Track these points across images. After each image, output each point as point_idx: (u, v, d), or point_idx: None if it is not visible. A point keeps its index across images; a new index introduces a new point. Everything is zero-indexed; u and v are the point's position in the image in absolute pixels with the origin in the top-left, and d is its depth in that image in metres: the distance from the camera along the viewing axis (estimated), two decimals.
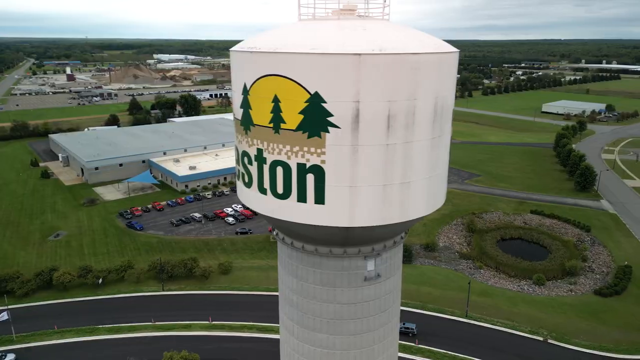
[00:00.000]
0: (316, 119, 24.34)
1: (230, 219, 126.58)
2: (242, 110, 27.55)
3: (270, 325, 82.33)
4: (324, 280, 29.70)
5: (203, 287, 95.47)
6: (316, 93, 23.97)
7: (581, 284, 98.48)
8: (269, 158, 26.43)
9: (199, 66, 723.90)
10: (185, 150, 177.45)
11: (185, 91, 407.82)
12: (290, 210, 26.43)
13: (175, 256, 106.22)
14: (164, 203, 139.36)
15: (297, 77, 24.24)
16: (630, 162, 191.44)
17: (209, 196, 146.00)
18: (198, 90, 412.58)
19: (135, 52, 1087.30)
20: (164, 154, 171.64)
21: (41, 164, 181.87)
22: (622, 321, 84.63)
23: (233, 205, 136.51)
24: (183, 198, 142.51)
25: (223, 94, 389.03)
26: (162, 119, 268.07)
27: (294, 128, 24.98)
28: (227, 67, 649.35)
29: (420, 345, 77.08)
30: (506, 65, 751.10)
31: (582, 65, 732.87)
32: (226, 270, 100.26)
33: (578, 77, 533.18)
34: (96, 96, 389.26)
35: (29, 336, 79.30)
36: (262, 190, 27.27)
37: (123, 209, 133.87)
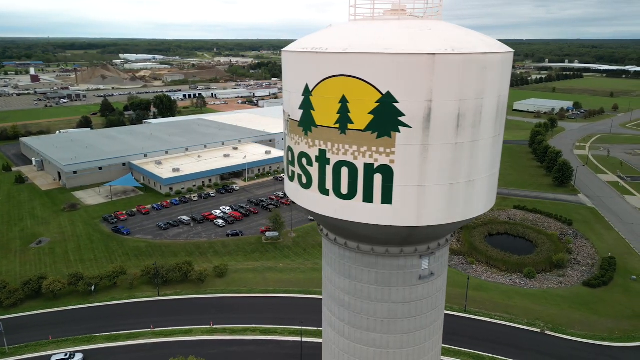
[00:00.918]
0: (387, 118, 24.36)
1: (220, 221, 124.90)
2: (301, 111, 27.28)
3: (274, 327, 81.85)
4: (380, 280, 29.75)
5: (199, 291, 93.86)
6: (388, 93, 23.98)
7: (569, 276, 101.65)
8: (333, 159, 26.28)
9: (168, 66, 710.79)
10: (167, 152, 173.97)
11: (157, 92, 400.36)
12: (355, 211, 26.37)
13: (166, 260, 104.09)
14: (149, 206, 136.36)
15: (368, 77, 24.20)
16: (601, 158, 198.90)
17: (195, 198, 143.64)
18: (170, 91, 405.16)
19: (100, 52, 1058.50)
20: (145, 156, 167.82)
21: (14, 169, 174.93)
22: (612, 310, 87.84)
23: (221, 207, 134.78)
24: (169, 201, 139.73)
25: (197, 95, 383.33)
26: (137, 121, 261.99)
27: (362, 128, 24.93)
28: (198, 67, 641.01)
29: None
30: None
31: (546, 64, 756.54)
32: (222, 273, 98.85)
33: (543, 76, 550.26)
34: (64, 97, 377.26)
35: (22, 347, 76.18)
36: (324, 191, 27.07)
37: (107, 214, 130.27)
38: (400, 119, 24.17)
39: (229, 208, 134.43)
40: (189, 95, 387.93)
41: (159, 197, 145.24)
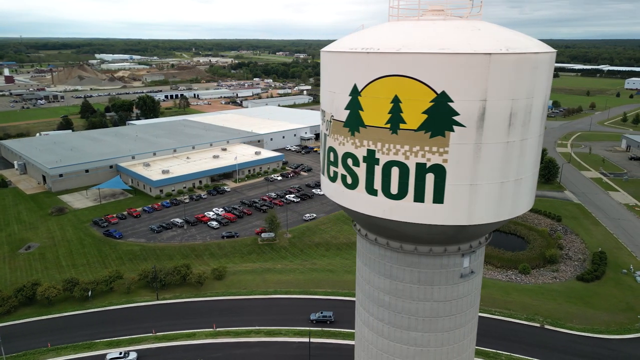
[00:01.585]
0: (441, 118, 24.46)
1: (214, 223, 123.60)
2: (348, 111, 27.22)
3: (277, 328, 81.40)
4: (422, 279, 29.86)
5: (199, 294, 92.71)
6: (443, 92, 24.09)
7: (563, 271, 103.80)
8: (383, 159, 26.27)
9: (147, 66, 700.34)
10: (155, 154, 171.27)
11: (138, 92, 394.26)
12: (406, 211, 26.41)
13: (162, 264, 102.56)
14: (139, 209, 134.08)
15: (423, 77, 24.26)
16: (583, 155, 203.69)
17: (187, 200, 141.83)
18: (151, 92, 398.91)
19: (75, 52, 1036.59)
20: (133, 158, 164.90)
21: None
22: (607, 304, 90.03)
23: (214, 209, 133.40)
24: (159, 203, 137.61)
25: (179, 95, 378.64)
26: (119, 122, 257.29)
27: (415, 128, 24.98)
28: (178, 68, 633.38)
29: None
30: None
31: None
32: (220, 275, 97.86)
33: None
34: (41, 99, 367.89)
35: (20, 356, 74.04)
36: (372, 192, 27.04)
37: (97, 217, 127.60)
38: (455, 118, 24.33)
39: (222, 209, 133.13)
40: (171, 96, 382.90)
41: (149, 200, 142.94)
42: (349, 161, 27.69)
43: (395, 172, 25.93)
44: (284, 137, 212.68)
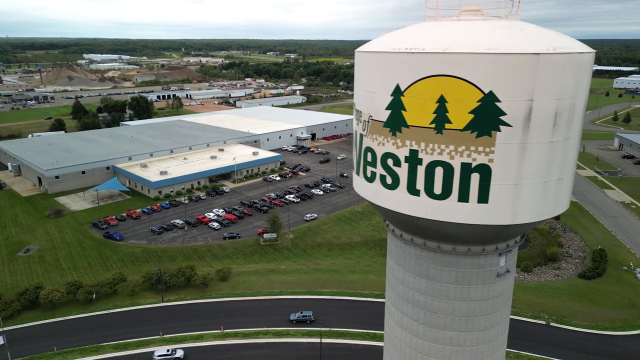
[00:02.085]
0: (488, 118, 24.51)
1: (215, 224, 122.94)
2: (389, 111, 27.18)
3: (286, 329, 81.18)
4: (459, 279, 29.92)
5: (204, 296, 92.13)
6: (490, 92, 24.14)
7: (564, 269, 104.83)
8: (426, 159, 26.25)
9: (137, 67, 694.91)
10: (151, 155, 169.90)
11: (129, 92, 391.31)
12: (450, 211, 26.43)
13: (164, 265, 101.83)
14: (139, 210, 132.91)
15: (470, 77, 24.29)
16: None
17: (186, 201, 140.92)
18: (143, 92, 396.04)
19: (62, 52, 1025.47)
20: (130, 159, 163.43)
21: None
22: (610, 301, 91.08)
23: (214, 210, 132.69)
24: (159, 205, 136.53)
25: (171, 95, 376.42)
26: (113, 123, 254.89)
27: (461, 128, 25.00)
28: (168, 68, 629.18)
29: None
30: None
31: None
32: (225, 276, 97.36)
33: None
34: (30, 100, 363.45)
35: None
36: (414, 192, 27.02)
37: (96, 219, 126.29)
38: (502, 118, 24.41)
39: (222, 210, 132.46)
40: (163, 96, 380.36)
41: (148, 201, 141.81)
42: (389, 161, 27.65)
43: (439, 172, 25.94)
44: (280, 137, 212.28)
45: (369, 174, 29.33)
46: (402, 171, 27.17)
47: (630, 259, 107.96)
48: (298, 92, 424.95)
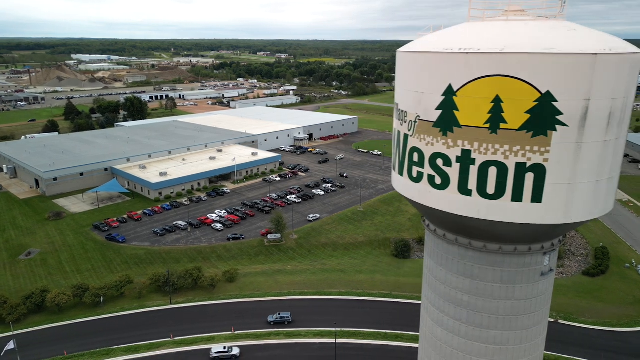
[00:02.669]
0: (544, 117, 24.66)
1: (218, 225, 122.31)
2: (439, 112, 27.24)
3: (297, 330, 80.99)
4: (504, 278, 30.06)
5: (212, 297, 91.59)
6: (547, 92, 24.28)
7: (568, 267, 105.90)
8: (479, 159, 26.33)
9: (127, 67, 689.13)
10: (150, 156, 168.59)
11: (121, 93, 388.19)
12: (502, 211, 26.55)
13: (169, 267, 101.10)
14: (140, 212, 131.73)
15: (527, 77, 24.42)
16: None
17: (187, 203, 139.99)
18: (134, 93, 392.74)
19: (50, 52, 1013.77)
20: (128, 160, 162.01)
21: None
22: (615, 297, 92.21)
23: (216, 211, 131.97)
24: (160, 206, 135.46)
25: (164, 96, 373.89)
26: (107, 124, 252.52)
27: (516, 128, 25.13)
28: (159, 68, 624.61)
29: None
30: None
31: None
32: (232, 277, 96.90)
33: None
34: (21, 101, 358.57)
35: None
36: (465, 192, 27.08)
37: (97, 221, 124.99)
38: (558, 117, 24.57)
39: (224, 211, 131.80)
40: (156, 97, 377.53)
41: (148, 203, 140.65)
42: (439, 161, 27.69)
43: (492, 171, 26.04)
44: (277, 137, 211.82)
45: (414, 174, 29.33)
46: (453, 171, 27.22)
47: (632, 256, 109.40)
48: (291, 92, 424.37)
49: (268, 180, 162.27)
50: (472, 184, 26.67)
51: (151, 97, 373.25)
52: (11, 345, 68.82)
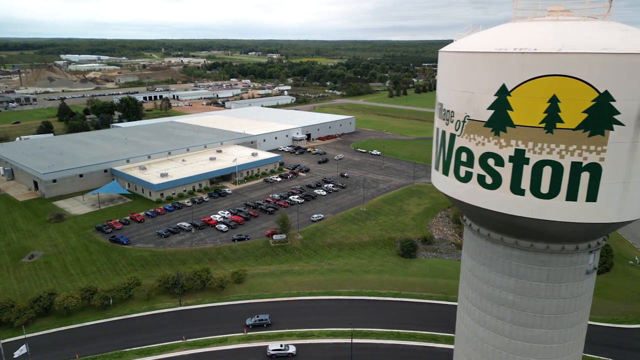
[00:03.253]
0: (602, 117, 24.82)
1: (222, 226, 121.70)
2: (491, 111, 27.32)
3: (309, 330, 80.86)
4: (551, 277, 30.23)
5: (222, 299, 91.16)
6: (606, 92, 24.46)
7: None
8: (534, 158, 26.44)
9: (118, 67, 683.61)
10: (149, 157, 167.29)
11: (113, 94, 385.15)
12: (556, 210, 26.68)
13: (175, 269, 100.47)
14: (142, 214, 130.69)
15: (586, 76, 24.57)
16: None
17: (189, 204, 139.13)
18: (127, 93, 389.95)
19: (38, 53, 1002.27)
20: (127, 161, 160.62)
21: None
22: (621, 295, 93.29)
23: (220, 212, 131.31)
24: (162, 207, 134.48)
25: (157, 97, 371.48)
26: (102, 125, 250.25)
27: (573, 127, 25.26)
28: (151, 68, 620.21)
29: None
30: (425, 64, 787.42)
31: None
32: (240, 279, 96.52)
33: None
34: (12, 101, 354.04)
35: None
36: (518, 192, 27.19)
37: (100, 223, 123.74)
38: (616, 117, 24.75)
39: (227, 212, 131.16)
40: (150, 97, 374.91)
41: (150, 204, 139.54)
42: (490, 161, 27.76)
43: (547, 171, 26.16)
44: (276, 137, 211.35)
45: (462, 174, 29.38)
46: (505, 171, 27.31)
47: (635, 253, 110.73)
48: (286, 92, 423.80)
49: (269, 180, 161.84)
50: (526, 183, 26.77)
51: (145, 98, 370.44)
52: (24, 349, 67.87)
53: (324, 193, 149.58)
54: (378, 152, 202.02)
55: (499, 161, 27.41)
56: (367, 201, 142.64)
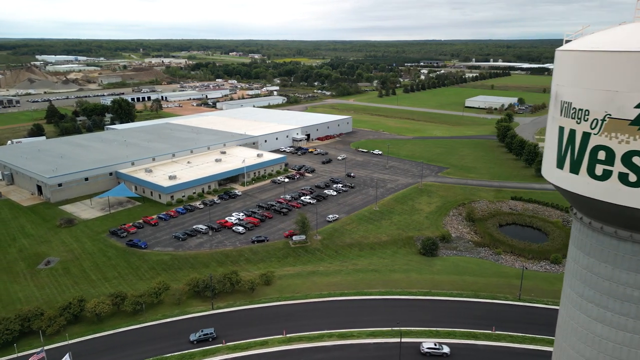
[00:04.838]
0: None
1: (240, 228, 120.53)
2: (638, 110, 27.61)
3: (349, 330, 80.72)
4: None
5: (253, 301, 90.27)
6: None
7: None
8: None
9: (97, 68, 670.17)
10: (154, 159, 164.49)
11: (98, 95, 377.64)
12: None
13: (199, 271, 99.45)
14: (155, 217, 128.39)
15: None
16: None
17: (201, 206, 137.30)
18: (112, 94, 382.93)
19: (12, 53, 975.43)
20: (132, 164, 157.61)
21: None
22: None
23: (234, 214, 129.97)
24: (174, 210, 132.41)
25: (146, 98, 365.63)
26: (93, 127, 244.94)
27: None
28: (134, 69, 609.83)
29: (498, 332, 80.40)
30: (407, 64, 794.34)
31: (474, 63, 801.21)
32: (269, 280, 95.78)
33: (476, 75, 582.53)
34: None
35: None
36: None
37: (113, 227, 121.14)
38: None
39: (242, 214, 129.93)
40: (138, 99, 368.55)
41: (160, 207, 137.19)
42: (635, 159, 28.15)
43: None
44: (277, 138, 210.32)
45: (599, 172, 29.74)
46: None
47: None
48: (275, 92, 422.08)
49: (277, 181, 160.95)
50: None
51: (132, 99, 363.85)
52: (67, 358, 65.93)
53: (334, 193, 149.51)
54: (380, 152, 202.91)
55: None
56: (378, 201, 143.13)
